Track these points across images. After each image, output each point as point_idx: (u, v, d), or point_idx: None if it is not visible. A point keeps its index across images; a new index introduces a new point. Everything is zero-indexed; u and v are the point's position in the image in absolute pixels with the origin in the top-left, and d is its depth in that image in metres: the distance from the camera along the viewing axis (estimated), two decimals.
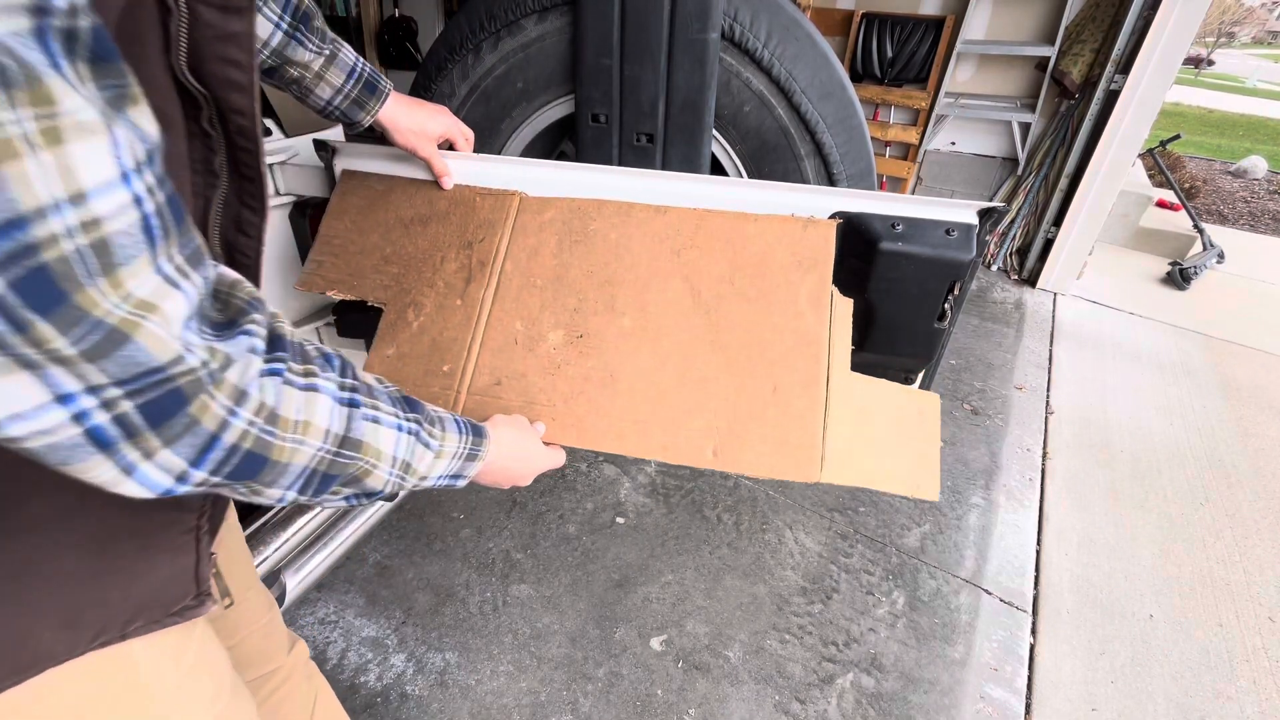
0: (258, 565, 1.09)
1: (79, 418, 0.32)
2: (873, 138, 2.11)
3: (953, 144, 4.00)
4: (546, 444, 0.84)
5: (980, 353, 2.97)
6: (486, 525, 1.90)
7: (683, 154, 1.20)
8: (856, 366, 0.88)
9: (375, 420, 0.49)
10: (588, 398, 0.88)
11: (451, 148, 1.00)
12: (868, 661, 1.59)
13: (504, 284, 0.95)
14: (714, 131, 1.20)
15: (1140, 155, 4.62)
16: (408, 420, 0.53)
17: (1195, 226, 4.33)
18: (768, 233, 0.90)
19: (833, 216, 0.90)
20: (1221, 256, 4.17)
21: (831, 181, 1.20)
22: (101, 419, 0.32)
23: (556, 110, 1.27)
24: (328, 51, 0.83)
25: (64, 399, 0.31)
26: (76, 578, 0.47)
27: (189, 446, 0.36)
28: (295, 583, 1.21)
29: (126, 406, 0.33)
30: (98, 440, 0.33)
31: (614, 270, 0.93)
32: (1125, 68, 3.09)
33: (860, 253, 0.89)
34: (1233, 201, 6.45)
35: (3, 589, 0.43)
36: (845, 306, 0.87)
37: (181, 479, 0.37)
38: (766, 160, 1.20)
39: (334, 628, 1.60)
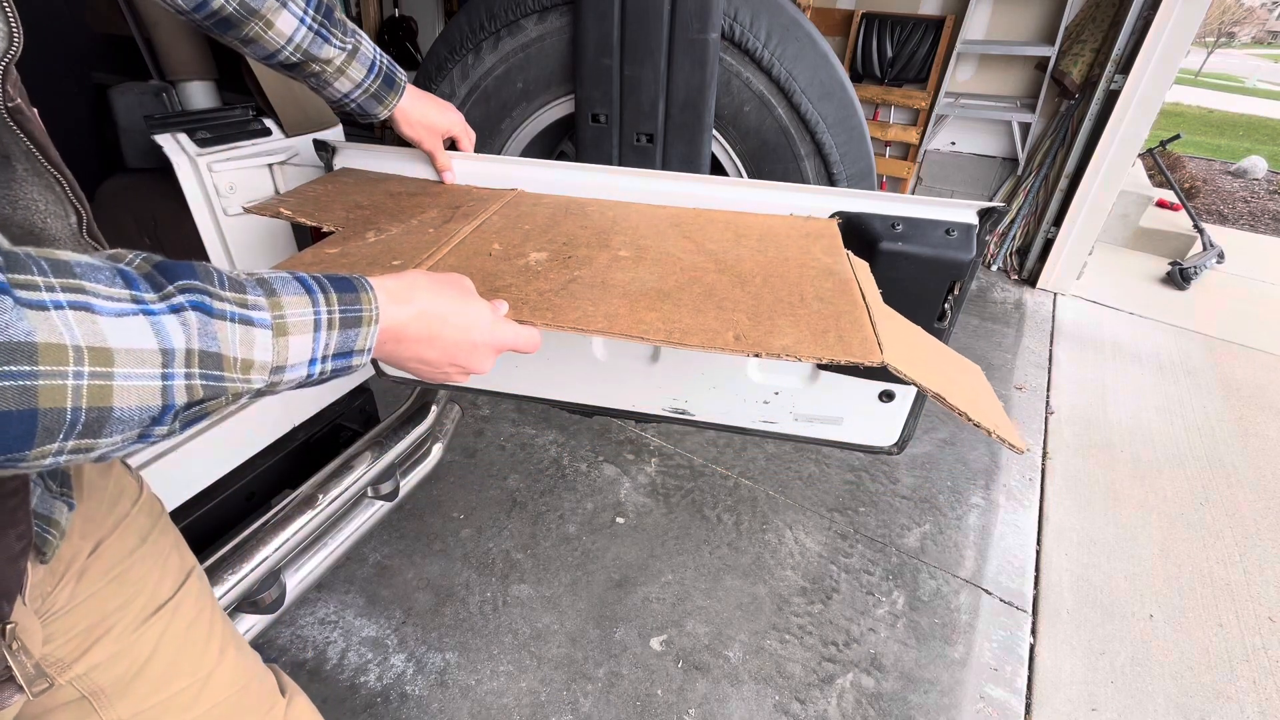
0: (257, 566, 1.09)
1: None
2: (873, 138, 2.11)
3: (953, 144, 4.00)
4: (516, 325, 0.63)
5: (980, 353, 2.97)
6: (486, 525, 1.90)
7: (683, 154, 1.20)
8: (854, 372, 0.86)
9: (60, 307, 0.30)
10: (570, 294, 0.69)
11: (454, 146, 1.00)
12: (868, 661, 1.59)
13: (486, 225, 0.84)
14: (714, 131, 1.20)
15: (1140, 155, 4.62)
16: (164, 297, 0.35)
17: (1195, 226, 4.33)
18: (771, 219, 0.90)
19: (833, 216, 0.90)
20: (1221, 256, 4.17)
21: (831, 181, 1.20)
22: None
23: (556, 110, 1.27)
24: (350, 45, 0.82)
25: None
26: None
27: None
28: (295, 583, 1.21)
29: None
30: None
31: (610, 233, 0.84)
32: (1125, 68, 3.09)
33: (860, 253, 0.89)
34: (1233, 201, 6.45)
35: None
36: (864, 265, 0.82)
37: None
38: (766, 160, 1.20)
39: (334, 628, 1.60)
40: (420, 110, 0.92)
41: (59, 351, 0.29)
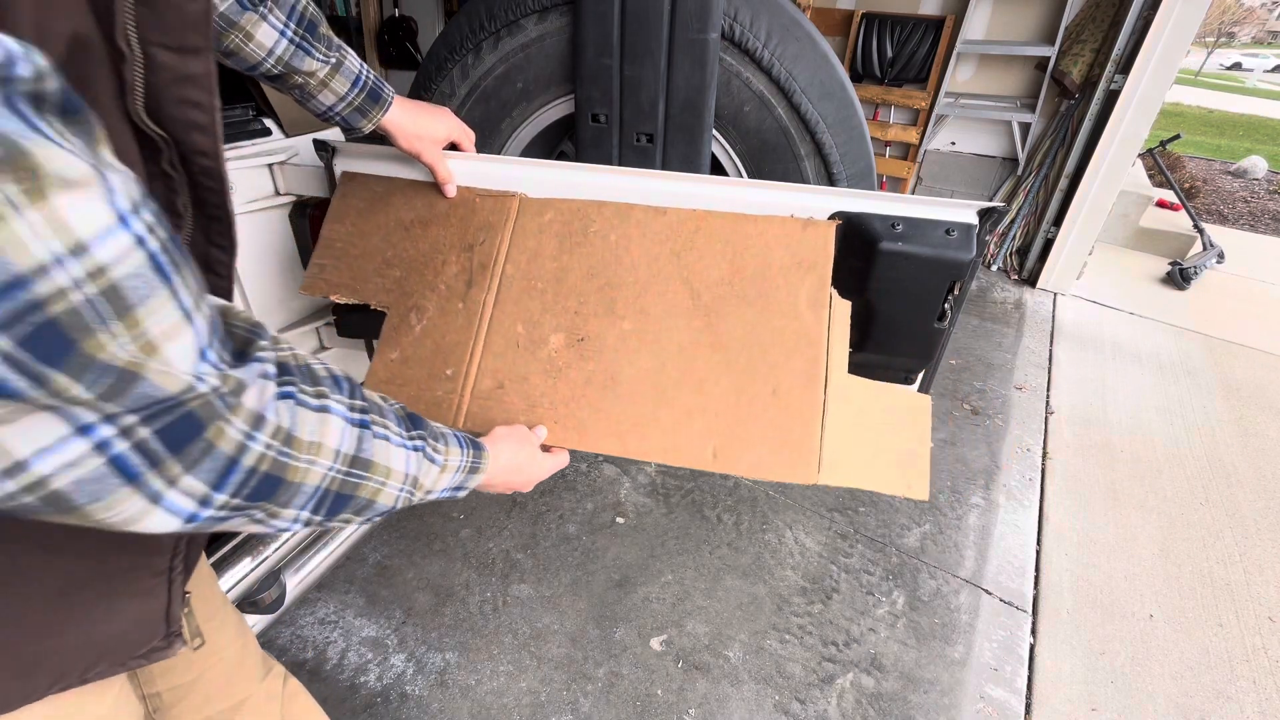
0: (257, 566, 1.09)
1: (101, 447, 0.32)
2: (873, 138, 2.11)
3: (953, 144, 4.00)
4: (548, 447, 0.87)
5: (980, 353, 2.97)
6: (486, 525, 1.90)
7: (683, 154, 1.20)
8: (857, 366, 0.89)
9: (385, 439, 0.50)
10: (589, 400, 0.88)
11: (455, 148, 1.00)
12: (868, 661, 1.59)
13: (505, 287, 0.95)
14: (714, 131, 1.20)
15: (1140, 155, 4.62)
16: (413, 438, 0.54)
17: (1195, 226, 4.33)
18: (767, 233, 0.90)
19: (833, 217, 0.90)
20: (1221, 256, 4.17)
21: (831, 181, 1.20)
22: (122, 447, 0.33)
23: (556, 110, 1.26)
24: (334, 60, 0.82)
25: (84, 429, 0.32)
26: (34, 630, 0.46)
27: (209, 470, 0.36)
28: (295, 583, 1.21)
29: (144, 433, 0.33)
30: (122, 470, 0.33)
31: (614, 272, 0.93)
32: (1125, 68, 3.09)
33: (860, 253, 0.89)
34: (1233, 201, 6.45)
35: None
36: (844, 309, 0.88)
37: (205, 503, 0.37)
38: (766, 160, 1.20)
39: (334, 628, 1.60)
40: (415, 122, 0.91)
41: (377, 467, 0.49)
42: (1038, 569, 1.88)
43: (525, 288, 0.94)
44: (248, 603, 1.12)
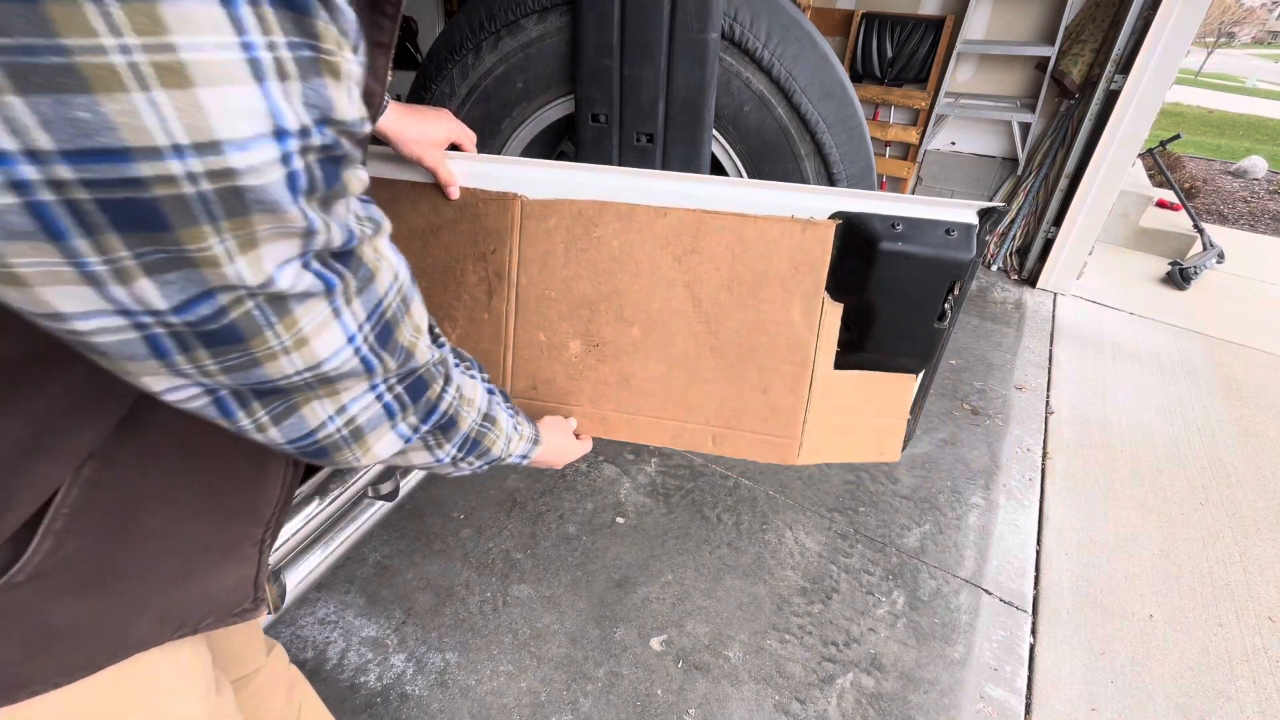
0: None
1: (380, 398, 0.45)
2: (873, 138, 2.11)
3: (953, 144, 4.00)
4: (577, 435, 1.01)
5: (980, 353, 2.97)
6: (486, 525, 1.90)
7: (683, 154, 1.20)
8: (856, 366, 0.92)
9: (500, 406, 0.66)
10: (608, 398, 1.02)
11: (455, 148, 1.00)
12: (868, 661, 1.59)
13: (522, 296, 1.02)
14: (714, 131, 1.20)
15: (1140, 155, 4.62)
16: (509, 409, 0.69)
17: (1195, 226, 4.33)
18: (767, 235, 0.91)
19: (833, 217, 0.90)
20: (1221, 256, 4.17)
21: (831, 181, 1.20)
22: (390, 398, 0.46)
23: (556, 110, 1.26)
24: None
25: (375, 388, 0.44)
26: (175, 580, 0.54)
27: (424, 413, 0.51)
28: (295, 583, 1.21)
29: (400, 389, 0.47)
30: (390, 413, 0.47)
31: (620, 280, 0.97)
32: (1125, 68, 3.09)
33: (860, 253, 0.89)
34: (1233, 201, 6.45)
35: (121, 588, 0.50)
36: (834, 312, 0.93)
37: (415, 430, 0.51)
38: (766, 160, 1.20)
39: (334, 628, 1.60)
40: (414, 127, 0.90)
41: (497, 424, 0.65)
42: (1038, 569, 1.88)
43: (539, 296, 1.01)
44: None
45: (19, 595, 0.43)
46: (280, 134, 0.29)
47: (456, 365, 0.57)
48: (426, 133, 0.92)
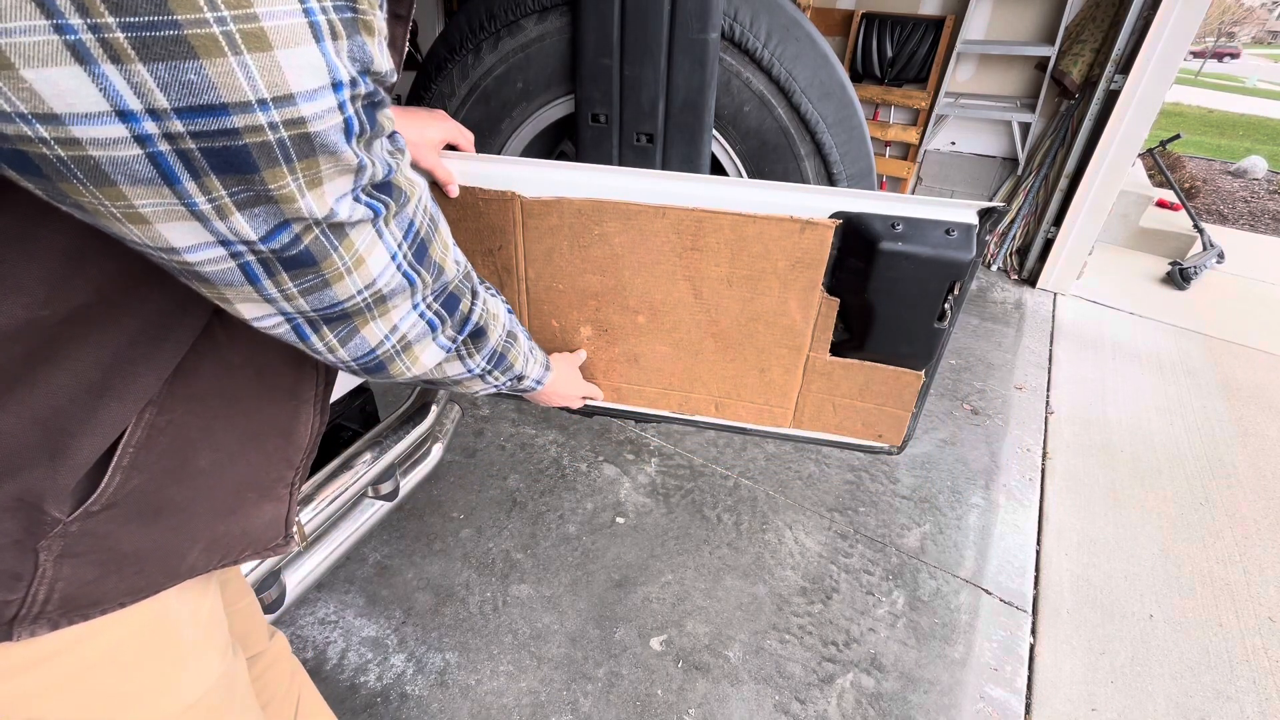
0: (258, 565, 1.09)
1: (423, 315, 0.52)
2: (873, 138, 2.11)
3: (953, 144, 4.00)
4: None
5: (980, 353, 2.97)
6: (486, 525, 1.90)
7: (683, 154, 1.20)
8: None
9: (518, 325, 0.72)
10: (619, 373, 1.11)
11: (452, 149, 1.00)
12: (868, 661, 1.59)
13: (531, 288, 1.06)
14: (714, 131, 1.20)
15: (1140, 155, 4.62)
16: (524, 330, 0.75)
17: (1195, 226, 4.33)
18: (766, 234, 0.91)
19: (833, 217, 0.90)
20: (1221, 256, 4.16)
21: (831, 181, 1.20)
22: (431, 315, 0.53)
23: (556, 110, 1.26)
24: None
25: (416, 307, 0.51)
26: (221, 514, 0.59)
27: (459, 324, 0.58)
28: (295, 583, 1.21)
29: (437, 306, 0.54)
30: (432, 328, 0.54)
31: (623, 274, 1.00)
32: (1125, 68, 3.09)
33: (860, 253, 0.89)
34: (1233, 201, 6.45)
35: (176, 520, 0.55)
36: (831, 306, 0.95)
37: (452, 340, 0.58)
38: (766, 160, 1.20)
39: (334, 628, 1.60)
40: (408, 129, 0.90)
41: (518, 340, 0.72)
42: (1038, 569, 1.88)
43: (548, 287, 1.05)
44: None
45: (95, 523, 0.49)
46: (336, 85, 0.34)
47: (481, 284, 0.63)
48: (422, 134, 0.92)
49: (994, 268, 3.89)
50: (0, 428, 0.42)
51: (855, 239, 0.89)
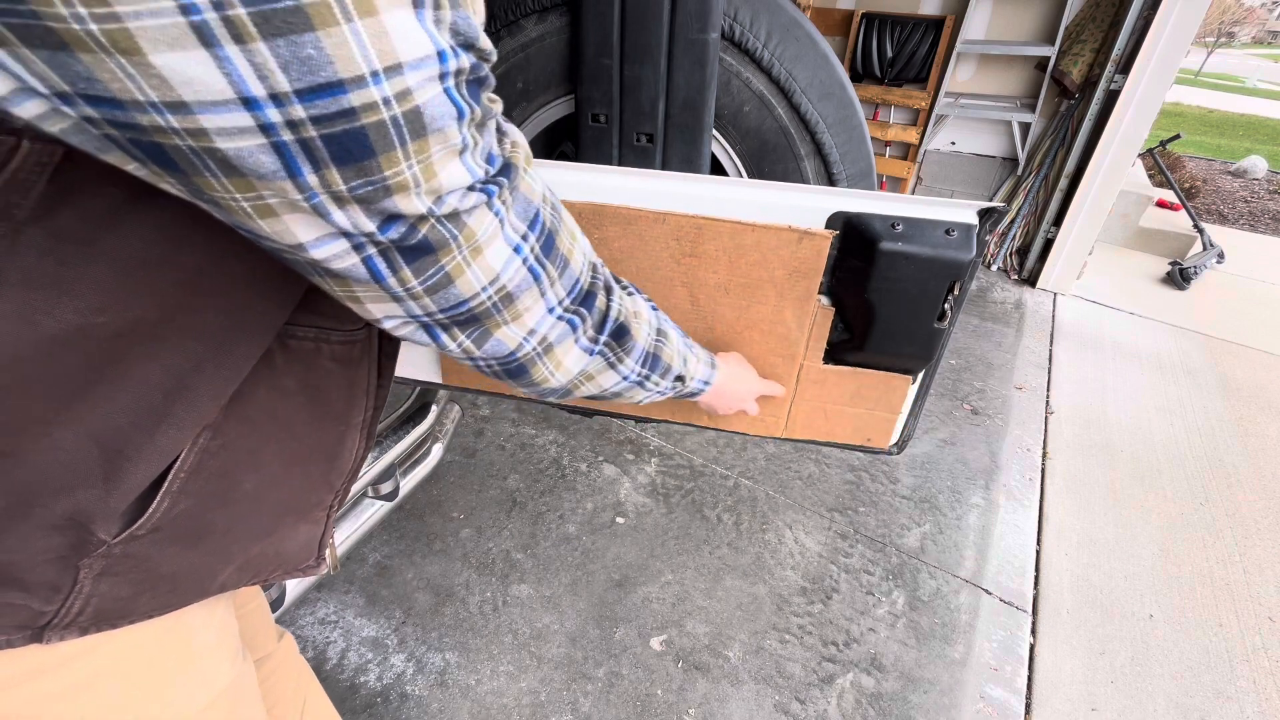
0: None
1: (556, 316, 0.50)
2: (873, 138, 2.11)
3: (953, 144, 4.00)
4: None
5: (980, 353, 2.97)
6: (486, 525, 1.90)
7: (683, 154, 1.20)
8: (857, 365, 0.94)
9: (666, 320, 0.68)
10: None
11: None
12: (868, 661, 1.59)
13: None
14: (714, 131, 1.20)
15: (1140, 155, 4.62)
16: (675, 326, 0.70)
17: (1195, 226, 4.33)
18: (764, 243, 0.91)
19: (833, 217, 0.90)
20: (1221, 256, 4.16)
21: (831, 181, 1.20)
22: (567, 315, 0.50)
23: (556, 110, 1.26)
24: None
25: (552, 310, 0.49)
26: (258, 536, 0.59)
27: (598, 323, 0.54)
28: (295, 583, 1.21)
29: (571, 305, 0.51)
30: (571, 325, 0.51)
31: (623, 277, 1.01)
32: (1125, 68, 3.09)
33: (860, 253, 0.89)
34: (1233, 201, 6.45)
35: (215, 542, 0.55)
36: (825, 315, 0.95)
37: (593, 341, 0.55)
38: (766, 160, 1.20)
39: (334, 628, 1.60)
40: None
41: (669, 338, 0.67)
42: (1038, 569, 1.88)
43: None
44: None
45: (138, 545, 0.49)
46: (441, 55, 0.32)
47: (616, 282, 0.59)
48: None
49: (994, 268, 3.89)
50: (58, 443, 0.41)
51: (855, 239, 0.89)
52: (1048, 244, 3.62)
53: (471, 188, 0.39)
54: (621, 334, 0.57)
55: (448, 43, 0.33)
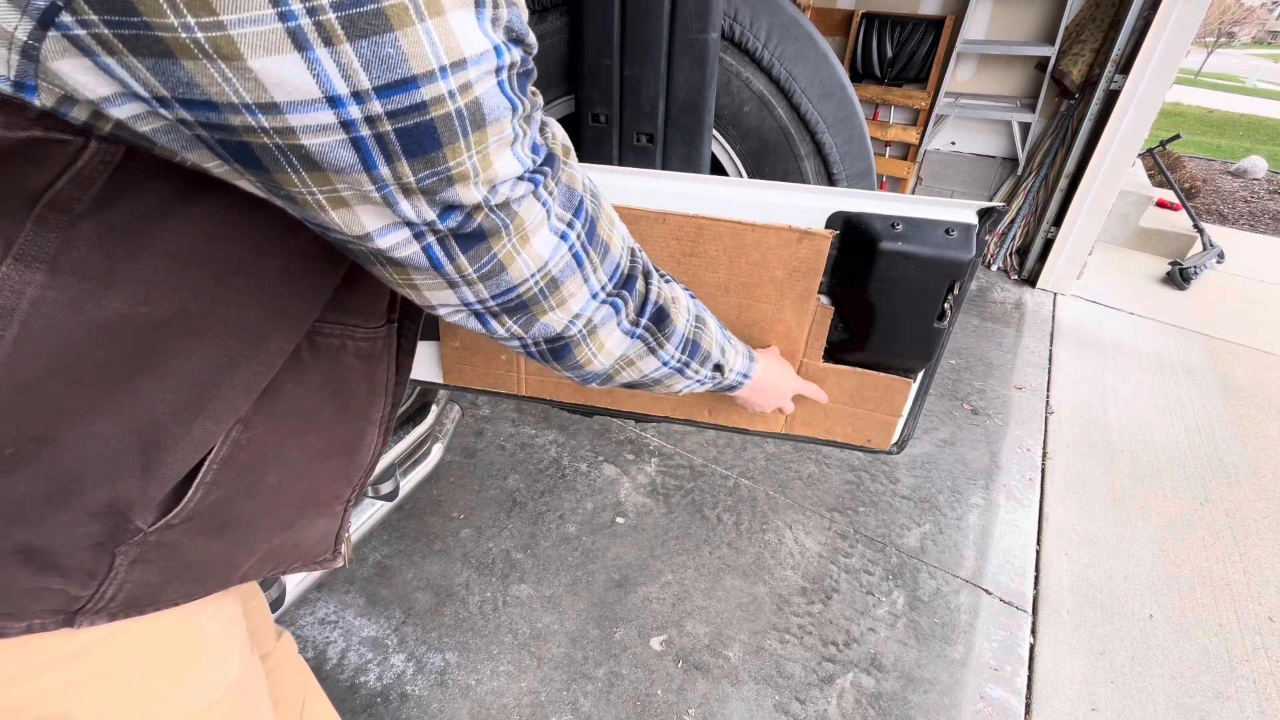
0: None
1: (600, 301, 0.51)
2: (873, 138, 2.11)
3: (953, 144, 4.00)
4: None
5: (980, 353, 2.97)
6: (486, 525, 1.90)
7: (683, 154, 1.20)
8: (857, 365, 0.94)
9: (704, 308, 0.68)
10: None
11: None
12: (868, 661, 1.59)
13: None
14: (714, 131, 1.20)
15: (1140, 155, 4.62)
16: (717, 320, 0.70)
17: (1195, 226, 4.33)
18: (764, 243, 0.91)
19: (833, 216, 0.90)
20: (1221, 256, 4.16)
21: (831, 181, 1.20)
22: (610, 299, 0.52)
23: (556, 110, 1.27)
24: None
25: (595, 296, 0.50)
26: (280, 527, 0.61)
27: (639, 306, 0.55)
28: (295, 582, 1.21)
29: (613, 289, 0.52)
30: (615, 308, 0.53)
31: None
32: (1125, 68, 3.09)
33: (860, 253, 0.89)
34: (1233, 201, 6.45)
35: (241, 533, 0.56)
36: (825, 314, 0.95)
37: (634, 324, 0.56)
38: (766, 160, 1.20)
39: (334, 628, 1.60)
40: None
41: (708, 324, 0.67)
42: (1038, 569, 1.88)
43: None
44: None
45: (171, 534, 0.51)
46: (497, 50, 0.35)
47: (654, 270, 0.61)
48: None
49: (994, 268, 3.89)
50: (100, 433, 0.42)
51: (855, 239, 0.89)
52: (1048, 244, 3.62)
53: (520, 177, 0.40)
54: (661, 318, 0.58)
55: (501, 39, 0.35)
